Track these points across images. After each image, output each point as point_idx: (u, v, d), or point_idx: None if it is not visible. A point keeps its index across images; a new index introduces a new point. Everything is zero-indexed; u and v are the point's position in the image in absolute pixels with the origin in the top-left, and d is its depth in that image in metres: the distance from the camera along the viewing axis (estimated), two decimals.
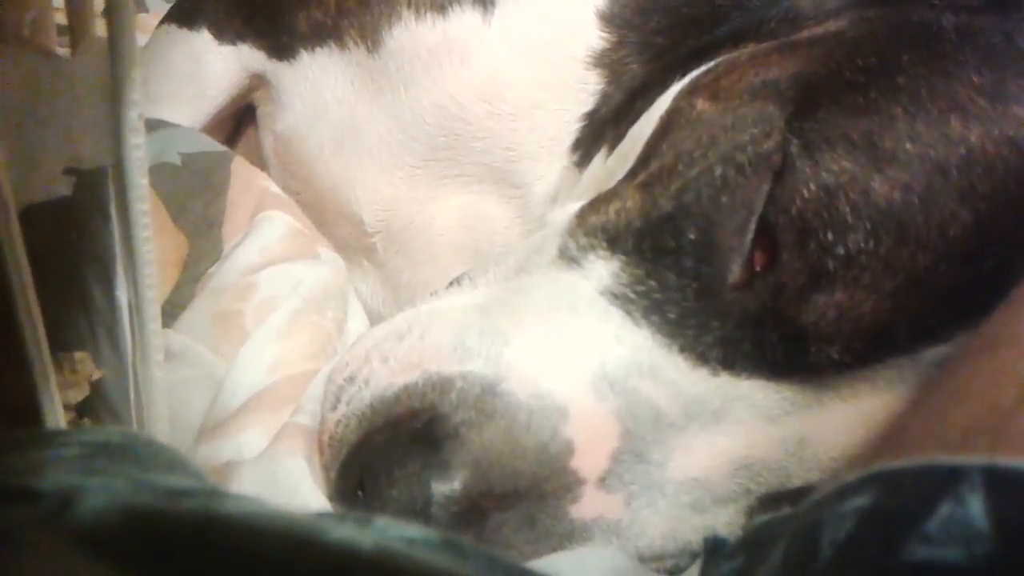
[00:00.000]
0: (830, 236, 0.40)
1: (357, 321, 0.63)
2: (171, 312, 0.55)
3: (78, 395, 0.38)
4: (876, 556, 0.25)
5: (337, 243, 0.72)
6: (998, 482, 0.24)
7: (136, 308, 0.37)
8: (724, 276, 0.43)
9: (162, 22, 0.81)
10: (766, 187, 0.42)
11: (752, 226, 0.42)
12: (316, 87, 0.71)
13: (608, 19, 0.66)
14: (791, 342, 0.41)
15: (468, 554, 0.26)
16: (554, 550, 0.41)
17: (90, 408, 0.39)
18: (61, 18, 0.42)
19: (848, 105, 0.43)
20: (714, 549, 0.36)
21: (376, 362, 0.45)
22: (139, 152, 0.34)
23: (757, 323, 0.42)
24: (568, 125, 0.66)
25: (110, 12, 0.32)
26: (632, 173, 0.50)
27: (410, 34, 0.68)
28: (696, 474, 0.42)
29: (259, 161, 0.76)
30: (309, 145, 0.72)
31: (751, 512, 0.42)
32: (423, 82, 0.67)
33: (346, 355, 0.48)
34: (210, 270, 0.58)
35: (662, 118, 0.52)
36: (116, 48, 0.32)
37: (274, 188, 0.66)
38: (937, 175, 0.40)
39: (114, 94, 0.33)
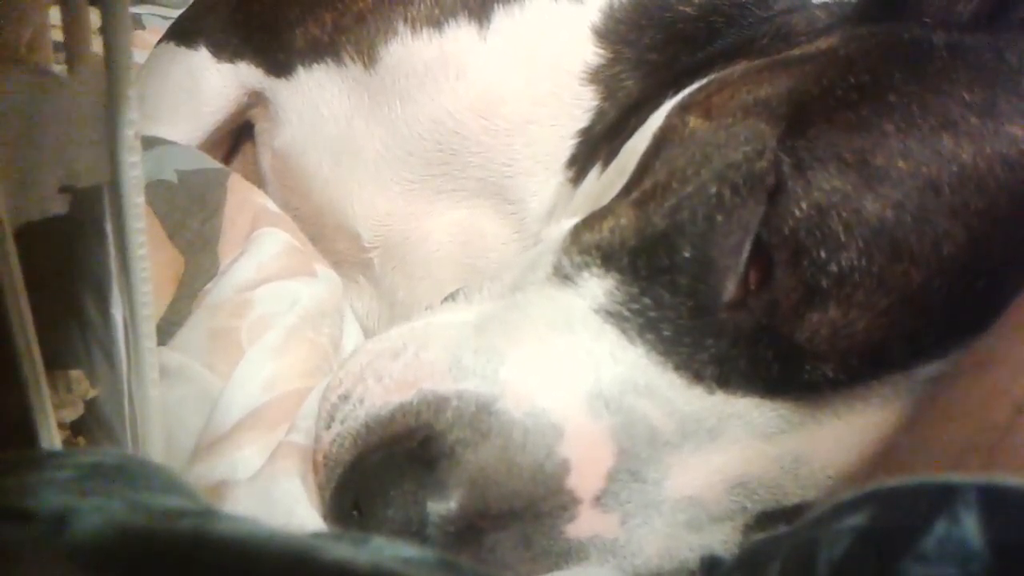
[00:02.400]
0: (823, 254, 0.40)
1: (353, 338, 0.63)
2: (167, 329, 0.55)
3: (73, 414, 0.38)
4: (872, 575, 0.25)
5: (335, 259, 0.72)
6: (993, 500, 0.24)
7: (131, 326, 0.37)
8: (719, 294, 0.43)
9: (161, 40, 0.82)
10: (762, 207, 0.42)
11: (747, 245, 0.42)
12: (313, 103, 0.72)
13: (603, 35, 0.66)
14: (786, 360, 0.41)
15: (464, 573, 0.26)
16: (550, 570, 0.41)
17: (85, 426, 0.39)
18: (57, 35, 0.42)
19: (840, 123, 0.43)
20: (710, 568, 0.36)
21: (371, 380, 0.45)
22: (135, 170, 0.34)
23: (752, 341, 0.42)
24: (563, 141, 0.67)
25: (106, 30, 0.32)
26: (626, 190, 0.50)
27: (406, 49, 0.68)
28: (692, 492, 0.42)
29: (256, 178, 0.76)
30: (306, 161, 0.72)
31: (747, 530, 0.42)
32: (419, 97, 0.68)
33: (340, 372, 0.48)
34: (206, 287, 0.58)
35: (655, 135, 0.53)
36: (112, 66, 0.32)
37: (271, 205, 0.66)
38: (929, 192, 0.40)
39: (110, 112, 0.33)
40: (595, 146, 0.65)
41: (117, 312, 0.40)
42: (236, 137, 0.81)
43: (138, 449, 0.39)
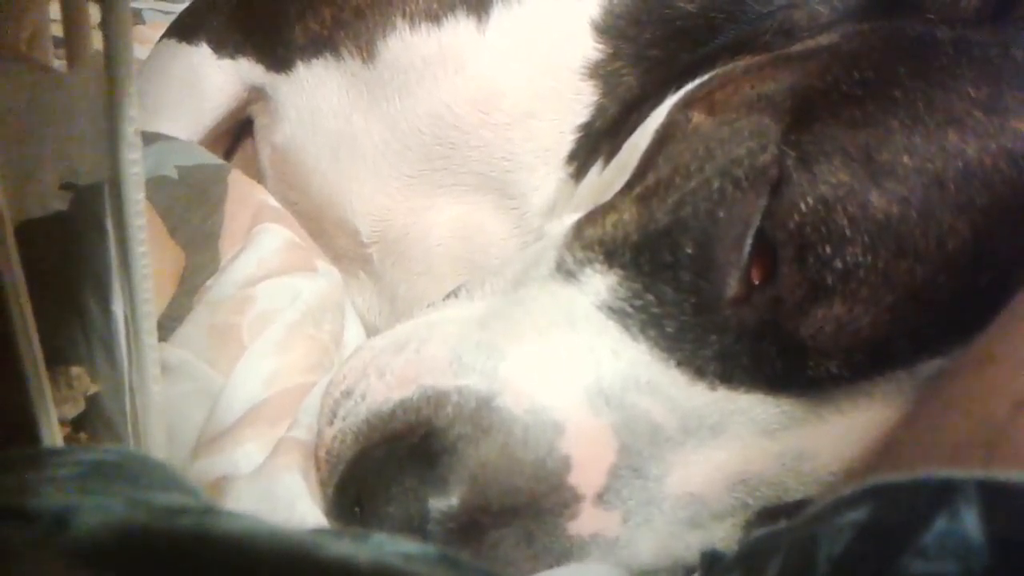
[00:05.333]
0: (828, 249, 0.40)
1: (354, 334, 0.63)
2: (168, 326, 0.55)
3: (74, 410, 0.38)
4: (872, 571, 0.25)
5: (335, 254, 0.72)
6: (993, 495, 0.24)
7: (132, 322, 0.37)
8: (722, 290, 0.43)
9: (162, 37, 0.82)
10: (763, 201, 0.42)
11: (749, 240, 0.42)
12: (312, 98, 0.71)
13: (602, 30, 0.66)
14: (790, 356, 0.41)
15: (465, 569, 0.26)
16: (551, 566, 0.41)
17: (86, 423, 0.39)
18: (57, 30, 0.42)
19: (845, 118, 0.43)
20: (711, 563, 0.36)
21: (373, 376, 0.45)
22: (136, 167, 0.34)
23: (756, 337, 0.42)
24: (563, 136, 0.67)
25: (106, 25, 0.32)
26: (629, 186, 0.50)
27: (405, 44, 0.68)
28: (693, 489, 0.42)
29: (256, 174, 0.76)
30: (306, 156, 0.72)
31: (748, 526, 0.42)
32: (418, 91, 0.68)
33: (343, 368, 0.48)
34: (207, 283, 0.58)
35: (658, 131, 0.52)
36: (113, 63, 0.32)
37: (271, 201, 0.66)
38: (935, 188, 0.40)
39: (110, 109, 0.33)
40: (596, 142, 0.65)
41: (118, 308, 0.40)
42: (237, 133, 0.81)
43: (139, 445, 0.39)
